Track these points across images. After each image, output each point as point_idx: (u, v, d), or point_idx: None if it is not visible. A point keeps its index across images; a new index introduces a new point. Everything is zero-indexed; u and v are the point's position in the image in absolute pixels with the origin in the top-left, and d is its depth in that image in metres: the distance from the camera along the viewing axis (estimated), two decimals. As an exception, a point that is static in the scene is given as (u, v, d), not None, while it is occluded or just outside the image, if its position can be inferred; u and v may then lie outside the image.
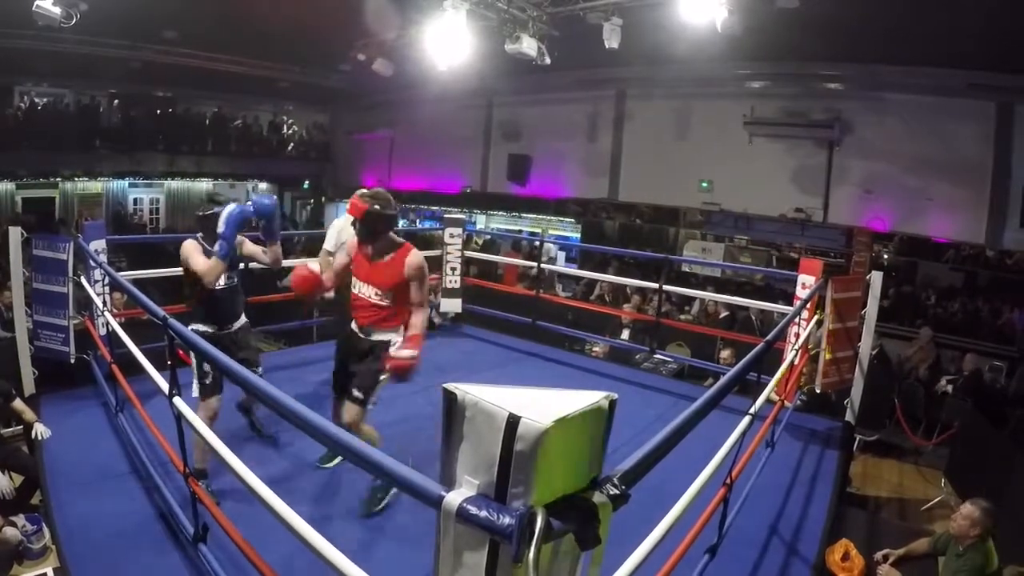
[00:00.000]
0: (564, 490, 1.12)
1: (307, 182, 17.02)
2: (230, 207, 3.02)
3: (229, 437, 2.17)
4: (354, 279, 2.98)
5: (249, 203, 3.10)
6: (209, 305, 3.11)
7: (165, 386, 2.38)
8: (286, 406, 1.59)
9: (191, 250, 3.08)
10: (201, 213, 3.14)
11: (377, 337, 2.95)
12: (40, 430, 3.45)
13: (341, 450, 1.42)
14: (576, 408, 1.10)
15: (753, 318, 7.24)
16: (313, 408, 1.54)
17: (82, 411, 3.87)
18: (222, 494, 2.81)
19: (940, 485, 5.25)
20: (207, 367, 2.78)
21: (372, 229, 2.86)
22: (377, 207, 2.84)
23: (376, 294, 2.91)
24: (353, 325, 3.01)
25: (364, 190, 2.99)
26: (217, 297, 3.10)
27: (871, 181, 9.19)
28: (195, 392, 2.81)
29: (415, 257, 2.88)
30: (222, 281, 3.09)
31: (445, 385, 1.16)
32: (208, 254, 3.04)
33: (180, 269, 3.20)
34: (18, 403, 3.62)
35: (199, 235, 3.15)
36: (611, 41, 6.95)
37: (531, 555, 0.99)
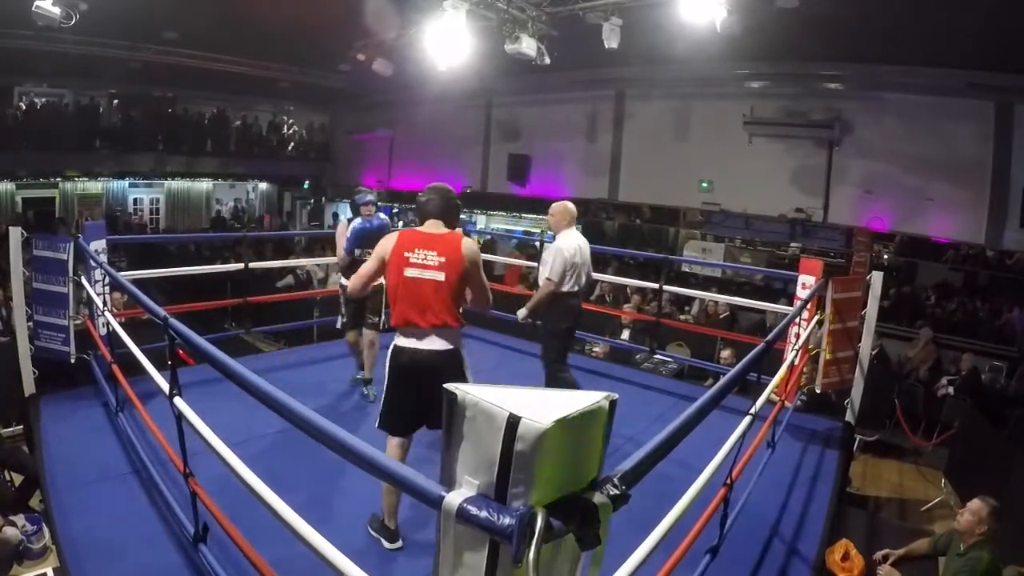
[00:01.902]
0: (564, 490, 1.12)
1: (307, 182, 17.03)
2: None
3: (230, 437, 2.16)
4: None
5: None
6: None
7: (165, 386, 2.38)
8: (286, 406, 1.59)
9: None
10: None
11: None
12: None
13: (343, 452, 1.42)
14: (576, 408, 1.10)
15: (767, 323, 7.20)
16: (313, 408, 1.54)
17: (82, 411, 3.87)
18: (222, 494, 2.82)
19: (940, 485, 5.25)
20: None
21: None
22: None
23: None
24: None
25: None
26: None
27: (871, 181, 9.19)
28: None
29: None
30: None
31: (445, 385, 1.16)
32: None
33: (179, 270, 3.21)
34: None
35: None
36: (610, 41, 6.95)
37: (531, 555, 0.99)
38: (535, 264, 5.23)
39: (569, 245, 4.01)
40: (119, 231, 13.06)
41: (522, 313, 4.08)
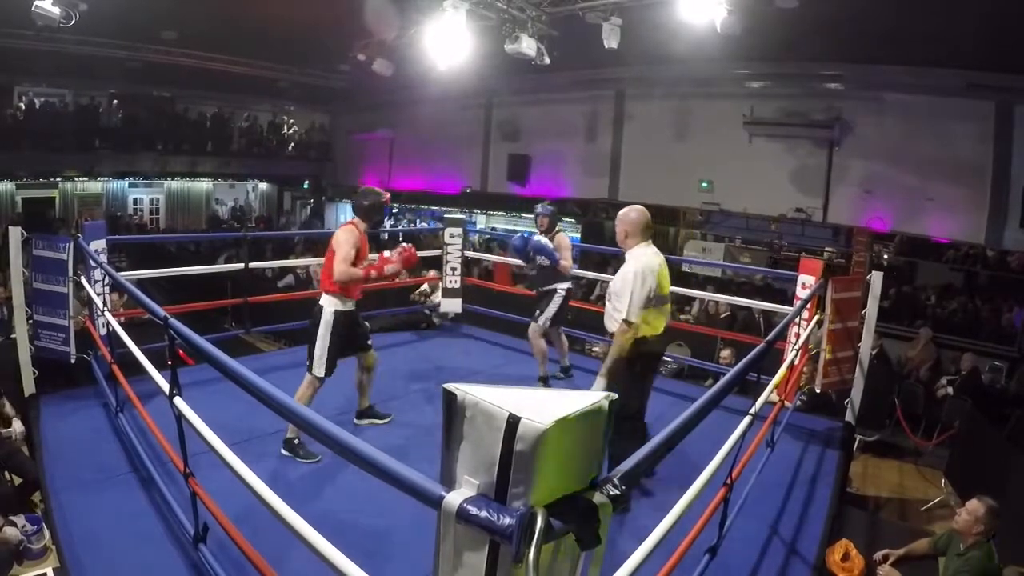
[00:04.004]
0: (564, 490, 1.12)
1: (307, 182, 17.03)
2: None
3: (230, 437, 2.17)
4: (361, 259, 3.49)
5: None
6: None
7: (165, 386, 2.38)
8: (286, 406, 1.60)
9: None
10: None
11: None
12: (15, 427, 3.46)
13: (340, 450, 1.42)
14: (576, 408, 1.10)
15: (756, 316, 7.24)
16: (313, 407, 1.54)
17: (82, 411, 3.87)
18: (222, 494, 2.82)
19: (940, 485, 5.25)
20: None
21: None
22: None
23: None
24: (351, 302, 3.51)
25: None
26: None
27: (871, 181, 9.19)
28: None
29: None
30: None
31: (445, 385, 1.16)
32: None
33: (179, 270, 3.21)
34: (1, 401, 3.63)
35: None
36: (610, 41, 6.95)
37: (531, 555, 0.99)
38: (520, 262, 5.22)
39: (649, 268, 3.03)
40: (119, 232, 13.08)
41: (599, 383, 3.04)
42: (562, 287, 4.73)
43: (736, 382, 2.27)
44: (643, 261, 3.03)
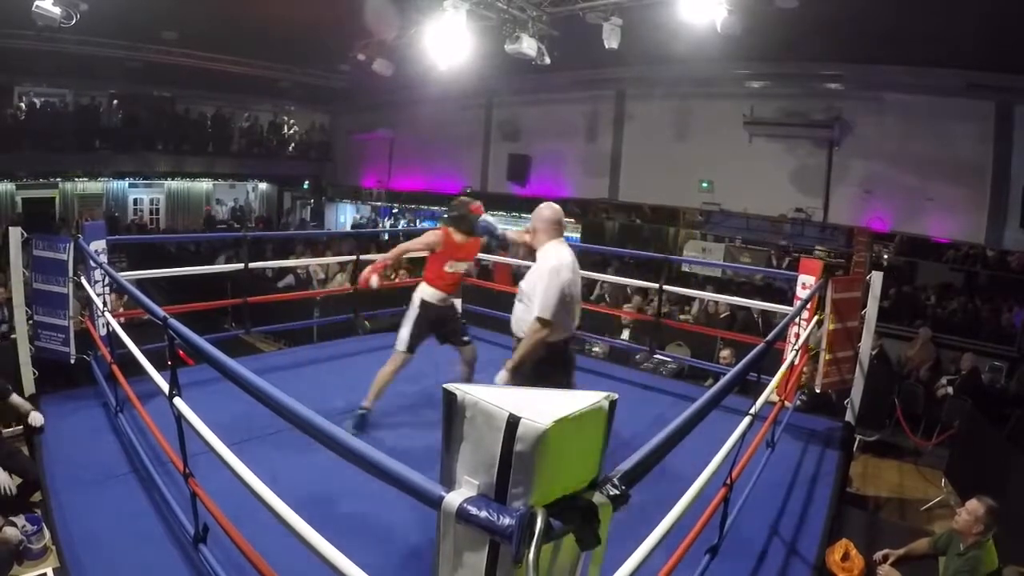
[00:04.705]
0: (564, 490, 1.12)
1: (307, 182, 17.03)
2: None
3: (230, 437, 2.17)
4: (450, 259, 3.83)
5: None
6: None
7: (165, 386, 2.38)
8: (286, 406, 1.59)
9: None
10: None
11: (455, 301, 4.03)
12: (34, 417, 3.46)
13: (341, 451, 1.42)
14: (576, 408, 1.10)
15: (755, 315, 7.25)
16: (314, 408, 1.54)
17: (82, 411, 3.87)
18: (222, 494, 2.82)
19: (940, 485, 5.25)
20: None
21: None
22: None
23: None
24: (441, 296, 3.89)
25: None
26: None
27: (871, 181, 9.20)
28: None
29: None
30: None
31: (445, 385, 1.16)
32: None
33: (178, 270, 3.23)
34: (15, 398, 3.62)
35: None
36: (611, 41, 6.95)
37: (531, 555, 0.99)
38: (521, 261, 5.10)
39: (563, 264, 2.90)
40: (119, 232, 13.08)
41: (503, 376, 2.90)
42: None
43: (736, 382, 2.27)
44: (557, 258, 2.90)
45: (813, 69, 9.33)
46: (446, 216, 3.99)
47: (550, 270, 2.85)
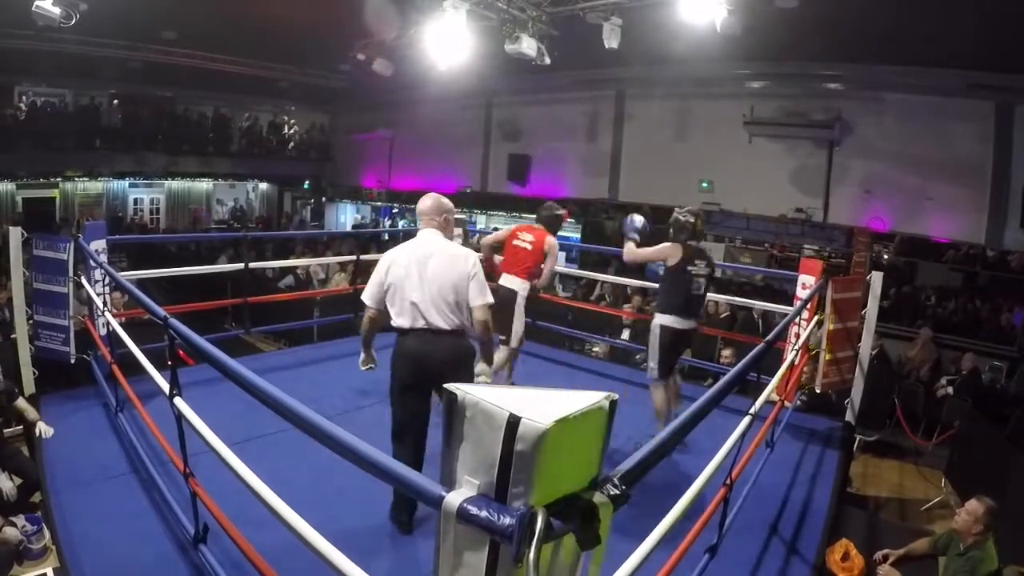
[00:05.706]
0: (564, 490, 1.12)
1: (307, 182, 17.03)
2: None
3: (230, 437, 2.17)
4: None
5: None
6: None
7: (165, 386, 2.38)
8: (286, 406, 1.59)
9: None
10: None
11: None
12: (43, 428, 3.45)
13: (340, 450, 1.42)
14: (576, 408, 1.10)
15: (755, 316, 7.24)
16: (313, 408, 1.54)
17: (82, 411, 3.87)
18: (222, 494, 2.82)
19: (940, 485, 5.25)
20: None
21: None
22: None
23: None
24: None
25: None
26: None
27: (871, 181, 9.19)
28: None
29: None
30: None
31: (445, 385, 1.16)
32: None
33: (179, 270, 3.22)
34: (21, 402, 3.62)
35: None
36: (611, 41, 6.95)
37: (531, 555, 0.99)
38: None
39: (397, 254, 2.74)
40: (120, 232, 13.07)
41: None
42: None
43: (736, 382, 2.27)
44: (398, 249, 2.79)
45: (813, 69, 9.33)
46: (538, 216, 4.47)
47: (382, 258, 2.79)
